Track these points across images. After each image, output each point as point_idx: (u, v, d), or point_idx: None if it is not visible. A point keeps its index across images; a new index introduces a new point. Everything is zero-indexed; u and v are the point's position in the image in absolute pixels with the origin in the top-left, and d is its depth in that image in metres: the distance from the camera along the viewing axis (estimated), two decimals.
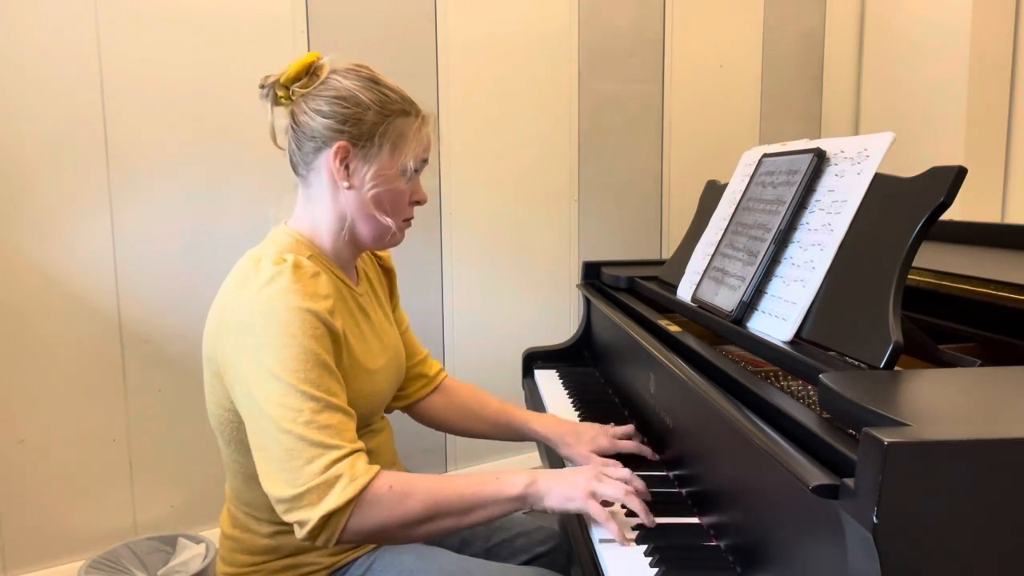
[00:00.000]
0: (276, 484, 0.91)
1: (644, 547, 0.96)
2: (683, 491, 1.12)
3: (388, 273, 1.32)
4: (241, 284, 0.99)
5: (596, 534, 1.01)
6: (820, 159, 1.13)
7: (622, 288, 1.77)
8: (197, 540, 1.97)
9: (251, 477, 1.06)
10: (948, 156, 2.59)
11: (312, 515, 0.88)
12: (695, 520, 1.04)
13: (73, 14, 1.86)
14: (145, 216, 1.98)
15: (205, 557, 1.89)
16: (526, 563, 1.28)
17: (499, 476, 0.99)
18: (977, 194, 2.59)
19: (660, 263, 1.79)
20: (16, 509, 1.90)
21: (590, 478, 1.01)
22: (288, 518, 0.91)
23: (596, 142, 2.71)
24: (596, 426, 1.29)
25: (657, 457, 1.25)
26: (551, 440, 1.30)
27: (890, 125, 2.86)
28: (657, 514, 1.05)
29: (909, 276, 1.08)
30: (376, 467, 0.94)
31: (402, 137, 1.08)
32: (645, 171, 2.83)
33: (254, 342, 0.94)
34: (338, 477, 0.90)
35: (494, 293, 2.57)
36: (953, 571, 0.58)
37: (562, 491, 0.99)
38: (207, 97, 2.03)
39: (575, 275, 2.68)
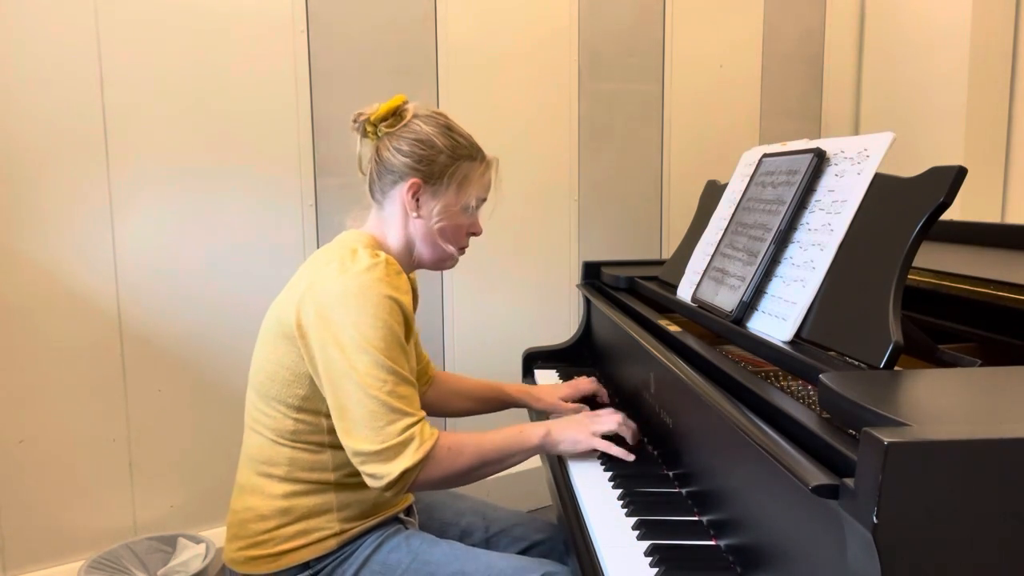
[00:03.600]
0: (357, 440, 1.07)
1: (645, 546, 0.96)
2: (683, 491, 1.13)
3: (414, 295, 1.43)
4: (339, 266, 1.12)
5: (592, 524, 1.01)
6: (820, 159, 1.13)
7: (622, 288, 1.77)
8: (197, 540, 1.97)
9: (279, 432, 1.18)
10: (948, 156, 2.59)
11: (391, 469, 1.06)
12: (694, 518, 1.04)
13: (73, 14, 1.86)
14: (145, 216, 1.98)
15: (205, 557, 1.89)
16: (524, 551, 1.36)
17: (522, 430, 1.21)
18: (977, 194, 2.59)
19: (660, 263, 1.79)
20: (16, 509, 1.90)
21: (588, 422, 1.25)
22: (364, 469, 1.07)
23: (596, 142, 2.71)
24: (555, 384, 1.58)
25: (605, 393, 1.52)
26: (522, 400, 1.54)
27: (890, 125, 2.86)
28: (657, 513, 1.05)
29: (909, 276, 1.08)
30: (437, 431, 1.12)
31: (467, 179, 1.25)
32: (645, 171, 2.83)
33: (346, 319, 1.08)
34: (412, 438, 1.07)
35: (494, 293, 2.57)
36: (953, 571, 0.58)
37: (571, 436, 1.23)
38: (207, 97, 2.03)
39: (575, 275, 2.67)
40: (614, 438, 1.26)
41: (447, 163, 1.22)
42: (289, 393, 1.16)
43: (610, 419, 1.26)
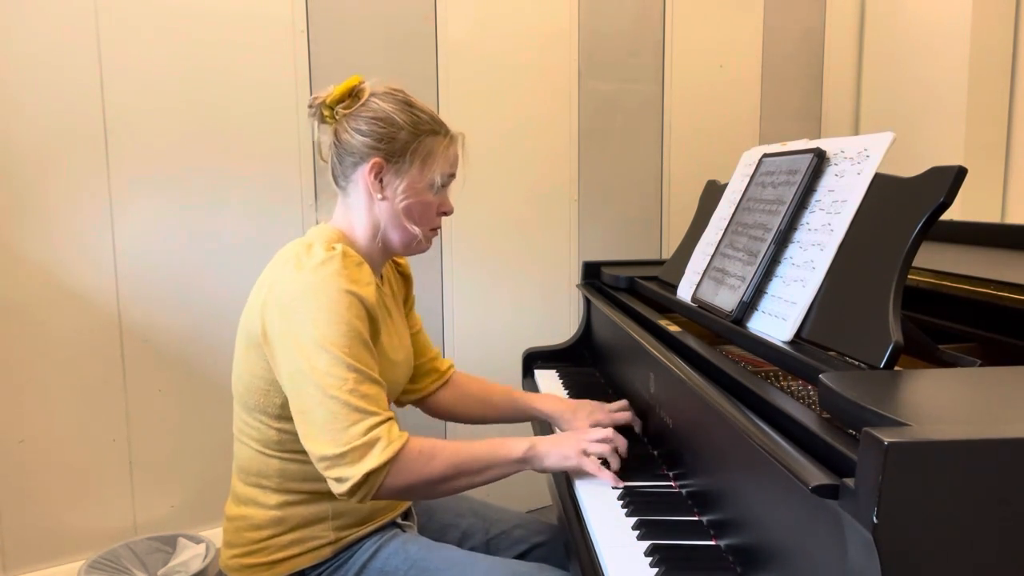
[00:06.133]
0: (319, 443, 1.02)
1: (645, 546, 0.96)
2: (683, 491, 1.13)
3: (406, 279, 1.40)
4: (294, 264, 1.08)
5: (592, 524, 1.01)
6: (820, 159, 1.13)
7: (622, 288, 1.77)
8: (197, 540, 1.97)
9: (265, 443, 1.15)
10: (948, 156, 2.59)
11: (353, 472, 1.00)
12: (694, 517, 1.04)
13: (73, 14, 1.86)
14: (145, 216, 1.98)
15: (205, 557, 1.89)
16: (524, 553, 1.35)
17: (504, 442, 1.13)
18: (977, 194, 2.58)
19: (660, 263, 1.79)
20: (16, 509, 1.90)
21: (579, 441, 1.17)
22: (329, 474, 1.02)
23: (596, 142, 2.71)
24: (592, 403, 1.42)
25: (639, 424, 1.38)
26: (552, 417, 1.42)
27: (890, 125, 2.86)
28: (657, 513, 1.05)
29: (909, 276, 1.08)
30: (406, 433, 1.06)
31: (431, 154, 1.19)
32: (645, 171, 2.83)
33: (304, 317, 1.04)
34: (377, 439, 1.01)
35: (494, 293, 2.57)
36: (953, 571, 0.58)
37: (559, 452, 1.15)
38: (207, 96, 2.03)
39: (575, 275, 2.67)
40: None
41: (409, 139, 1.16)
42: (267, 403, 1.13)
43: (603, 444, 1.17)
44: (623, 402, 1.42)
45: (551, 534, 1.38)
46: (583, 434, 1.19)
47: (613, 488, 1.14)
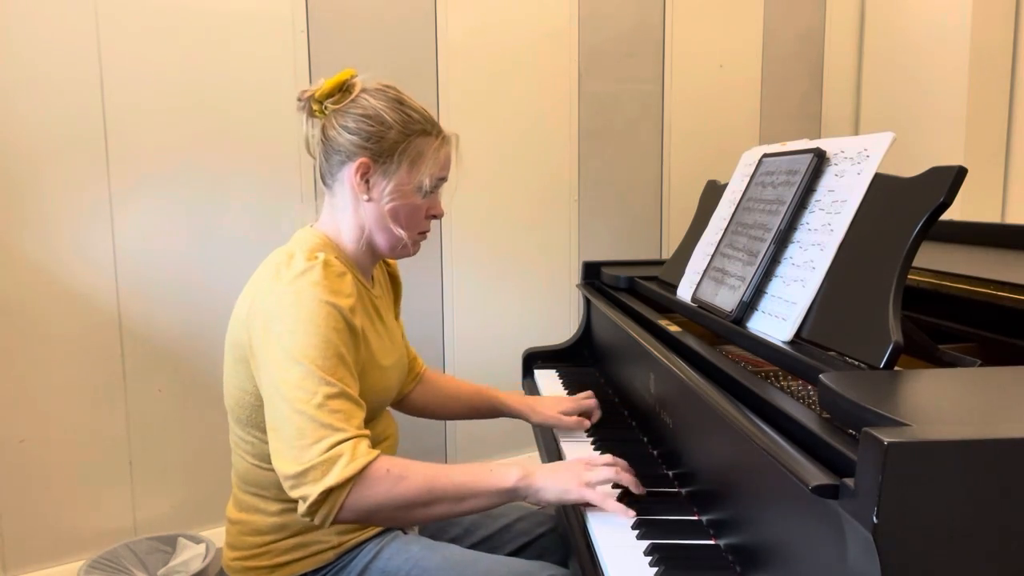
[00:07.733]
0: (284, 461, 0.96)
1: (644, 545, 0.96)
2: (683, 491, 1.12)
3: (395, 282, 1.39)
4: (274, 274, 1.06)
5: (592, 524, 1.01)
6: (820, 159, 1.13)
7: (622, 288, 1.77)
8: (197, 540, 1.97)
9: (260, 457, 1.12)
10: (948, 156, 2.59)
11: (313, 490, 0.93)
12: (694, 517, 1.04)
13: (73, 14, 1.86)
14: (145, 215, 1.98)
15: (205, 557, 1.89)
16: (528, 543, 1.33)
17: (493, 468, 1.04)
18: (977, 194, 2.59)
19: (660, 263, 1.79)
20: (16, 509, 1.90)
21: (580, 470, 1.06)
22: (292, 494, 0.96)
23: (596, 142, 2.71)
24: (556, 396, 1.47)
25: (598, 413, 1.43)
26: (520, 411, 1.43)
27: (890, 125, 2.86)
28: (657, 513, 1.05)
29: (909, 276, 1.08)
30: (377, 451, 0.99)
31: (420, 156, 1.14)
32: (645, 171, 2.83)
33: (281, 328, 1.01)
34: (339, 456, 0.95)
35: (494, 293, 2.57)
36: (953, 571, 0.58)
37: (557, 485, 1.04)
38: (207, 96, 2.03)
39: (575, 275, 2.67)
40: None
41: (398, 139, 1.12)
42: (259, 418, 1.08)
43: (606, 470, 1.06)
44: (587, 392, 1.47)
45: (553, 524, 1.37)
46: (582, 466, 1.08)
47: (624, 518, 1.03)
